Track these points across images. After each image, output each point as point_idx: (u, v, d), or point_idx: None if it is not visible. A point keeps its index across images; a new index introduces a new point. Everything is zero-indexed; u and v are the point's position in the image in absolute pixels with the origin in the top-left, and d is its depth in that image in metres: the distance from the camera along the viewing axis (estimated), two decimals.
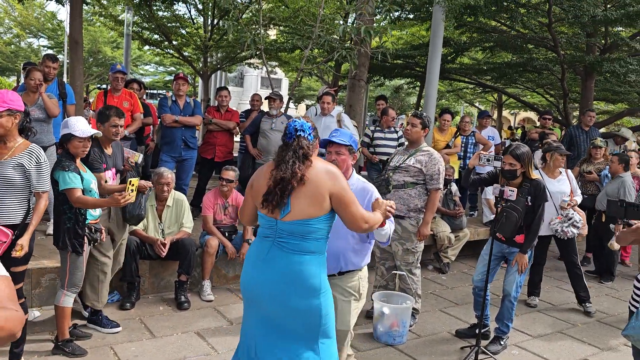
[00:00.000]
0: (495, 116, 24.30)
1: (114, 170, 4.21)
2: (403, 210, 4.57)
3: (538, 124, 10.22)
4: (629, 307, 3.18)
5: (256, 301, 2.65)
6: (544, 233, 5.54)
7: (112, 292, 4.80)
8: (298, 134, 2.60)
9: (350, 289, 3.22)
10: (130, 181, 3.51)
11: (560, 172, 5.60)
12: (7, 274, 1.75)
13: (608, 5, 9.01)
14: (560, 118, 11.91)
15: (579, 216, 5.45)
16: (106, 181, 4.06)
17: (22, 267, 3.32)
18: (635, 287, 3.13)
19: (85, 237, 3.67)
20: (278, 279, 2.56)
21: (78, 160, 3.64)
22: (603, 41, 9.89)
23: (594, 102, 15.09)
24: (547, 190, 4.38)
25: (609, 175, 6.67)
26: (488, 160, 4.33)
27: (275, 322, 2.61)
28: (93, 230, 3.76)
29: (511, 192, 4.00)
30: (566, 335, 4.91)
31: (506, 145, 8.86)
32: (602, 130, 11.61)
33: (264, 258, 2.61)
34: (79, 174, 3.57)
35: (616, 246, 6.27)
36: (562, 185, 5.54)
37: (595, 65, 9.23)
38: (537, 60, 10.92)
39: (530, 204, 4.22)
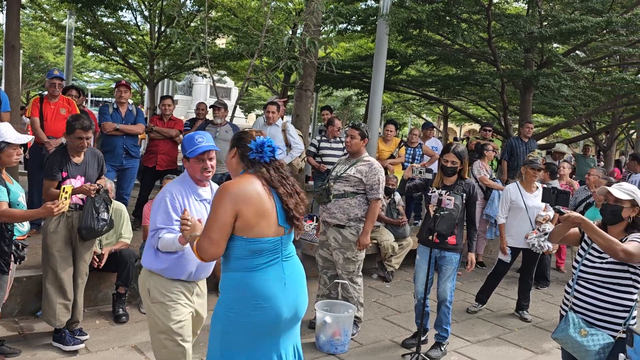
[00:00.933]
0: (441, 127, 24.95)
1: (82, 179, 4.03)
2: (343, 219, 4.61)
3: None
4: (560, 311, 3.31)
5: (292, 324, 2.65)
6: (519, 246, 5.72)
7: None
8: (277, 152, 2.64)
9: None
10: (64, 188, 3.35)
11: (537, 187, 5.80)
12: None
13: (544, 23, 9.44)
14: (501, 130, 12.35)
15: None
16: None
17: None
18: (565, 291, 3.26)
19: (12, 256, 3.48)
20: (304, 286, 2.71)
21: (4, 171, 3.47)
22: (539, 57, 10.34)
23: (533, 114, 15.75)
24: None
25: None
26: (420, 172, 4.51)
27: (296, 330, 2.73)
28: (20, 247, 3.57)
29: (448, 201, 4.13)
30: (503, 341, 5.06)
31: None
32: (542, 141, 12.11)
33: (286, 281, 2.57)
34: (5, 186, 3.40)
35: (552, 249, 6.55)
36: (538, 200, 5.71)
37: (532, 79, 9.64)
38: (479, 73, 11.29)
39: (464, 202, 4.41)
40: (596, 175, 6.75)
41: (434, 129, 9.55)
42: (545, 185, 4.26)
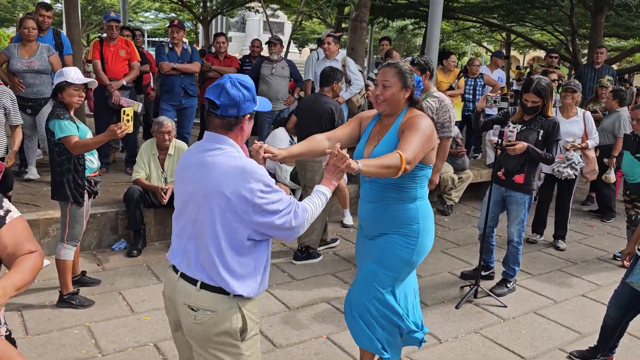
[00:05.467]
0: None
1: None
2: None
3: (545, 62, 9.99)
4: (636, 252, 3.17)
5: None
6: (546, 171, 5.57)
7: (119, 240, 4.91)
8: None
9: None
10: (124, 111, 3.48)
11: (576, 113, 5.53)
12: (19, 213, 1.86)
13: None
14: (569, 57, 11.65)
15: (579, 158, 5.41)
16: None
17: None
18: None
19: (85, 189, 3.69)
20: None
21: (72, 113, 3.63)
22: None
23: (605, 38, 14.68)
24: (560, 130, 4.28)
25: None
26: (495, 102, 4.26)
27: None
28: (93, 183, 3.77)
29: (510, 133, 3.98)
30: (565, 273, 4.99)
31: (513, 86, 8.68)
32: (614, 67, 11.33)
33: None
34: (75, 123, 3.57)
35: (612, 179, 6.32)
36: (573, 127, 5.47)
37: None
38: None
39: (541, 139, 4.16)
40: None
41: (505, 59, 9.08)
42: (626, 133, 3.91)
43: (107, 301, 3.89)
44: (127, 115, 3.47)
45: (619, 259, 5.12)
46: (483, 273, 4.62)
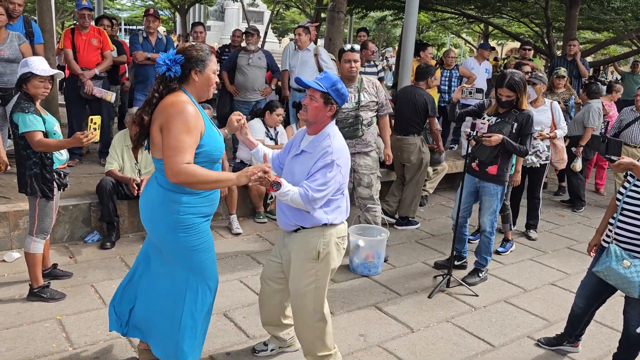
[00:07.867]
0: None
1: None
2: (371, 143, 4.71)
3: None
4: (601, 243, 3.24)
5: None
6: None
7: (92, 232, 4.86)
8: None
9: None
10: (92, 119, 3.40)
11: (544, 103, 5.62)
12: None
13: None
14: (544, 48, 11.78)
15: (544, 147, 5.50)
16: None
17: None
18: (609, 223, 3.17)
19: (55, 182, 3.62)
20: (143, 207, 2.72)
21: (37, 103, 3.56)
22: None
23: (580, 31, 14.88)
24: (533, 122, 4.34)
25: (574, 104, 6.85)
26: (470, 93, 4.33)
27: None
28: (62, 175, 3.70)
29: (482, 125, 4.03)
30: (536, 262, 5.08)
31: (493, 77, 8.72)
32: (588, 59, 11.47)
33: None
34: (40, 116, 3.49)
35: (578, 167, 6.48)
36: (541, 116, 5.55)
37: None
38: None
39: (515, 132, 4.23)
40: None
41: (492, 50, 9.11)
42: (595, 133, 3.91)
43: (79, 294, 3.86)
44: (95, 123, 3.38)
45: None
46: (456, 263, 4.70)
